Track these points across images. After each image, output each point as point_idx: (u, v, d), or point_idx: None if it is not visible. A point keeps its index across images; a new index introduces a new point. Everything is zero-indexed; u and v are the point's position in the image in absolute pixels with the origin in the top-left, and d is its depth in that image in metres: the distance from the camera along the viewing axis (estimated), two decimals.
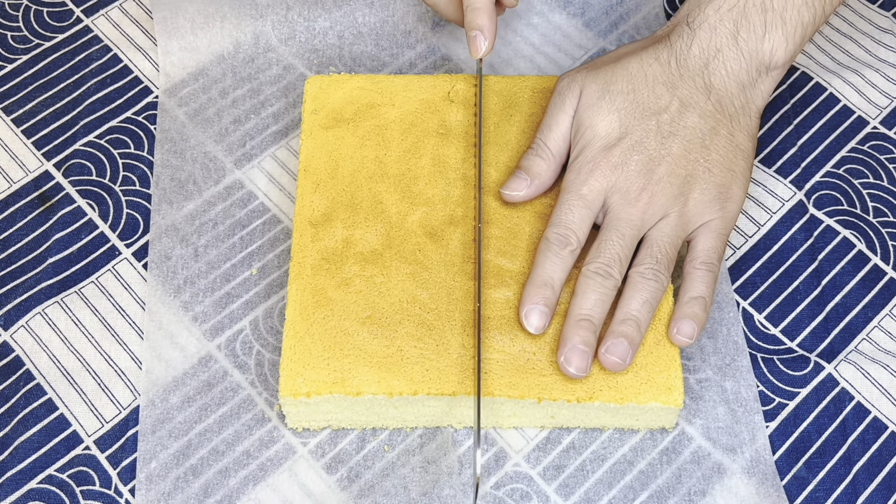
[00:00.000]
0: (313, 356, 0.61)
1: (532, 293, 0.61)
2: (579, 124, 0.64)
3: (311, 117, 0.70)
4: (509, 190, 0.65)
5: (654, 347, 0.61)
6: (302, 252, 0.64)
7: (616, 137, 0.63)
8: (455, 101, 0.70)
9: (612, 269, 0.61)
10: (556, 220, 0.63)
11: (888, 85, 0.78)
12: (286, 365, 0.61)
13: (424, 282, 0.63)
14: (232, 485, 0.62)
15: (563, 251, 0.62)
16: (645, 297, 0.61)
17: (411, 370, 0.60)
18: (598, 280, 0.61)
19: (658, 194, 0.62)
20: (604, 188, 0.62)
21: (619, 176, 0.62)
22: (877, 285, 0.70)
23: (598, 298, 0.61)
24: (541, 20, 0.80)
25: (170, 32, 0.77)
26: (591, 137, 0.63)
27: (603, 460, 0.63)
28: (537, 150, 0.66)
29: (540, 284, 0.61)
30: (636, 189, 0.62)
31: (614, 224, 0.62)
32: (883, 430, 0.64)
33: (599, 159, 0.63)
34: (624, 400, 0.60)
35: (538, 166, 0.65)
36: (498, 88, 0.71)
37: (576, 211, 0.62)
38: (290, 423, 0.63)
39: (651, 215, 0.62)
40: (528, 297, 0.61)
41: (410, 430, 0.63)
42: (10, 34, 0.80)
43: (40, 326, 0.67)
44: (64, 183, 0.73)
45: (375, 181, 0.67)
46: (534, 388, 0.60)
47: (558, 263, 0.62)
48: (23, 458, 0.63)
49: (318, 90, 0.71)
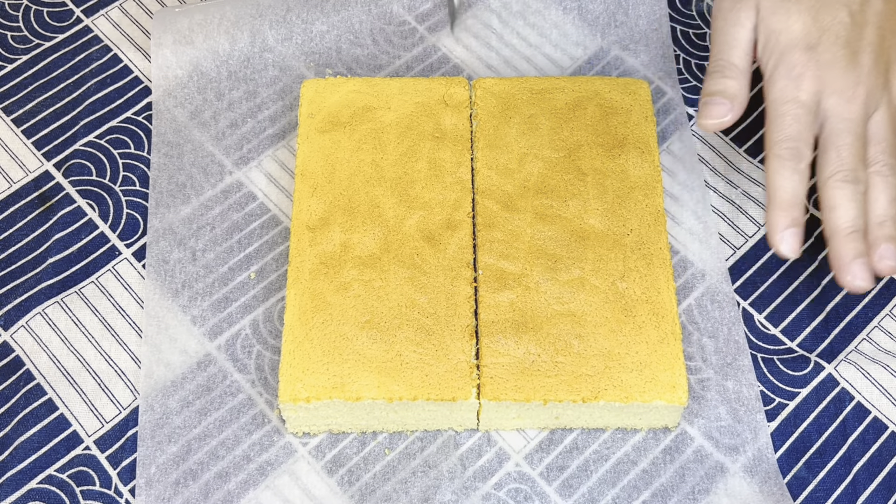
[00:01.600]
0: (312, 361, 0.61)
1: (780, 217, 0.59)
2: (769, 32, 0.62)
3: (308, 121, 0.69)
4: (711, 118, 0.63)
5: (658, 345, 0.61)
6: (300, 256, 0.64)
7: (816, 36, 0.61)
8: (450, 104, 0.70)
9: (859, 172, 0.59)
10: (781, 135, 0.60)
11: None
12: (285, 370, 0.60)
13: (423, 286, 0.63)
14: (232, 486, 0.62)
15: (799, 165, 0.60)
16: (891, 194, 0.60)
17: (411, 375, 0.60)
18: (850, 188, 0.59)
19: (870, 87, 0.60)
20: (818, 90, 0.60)
21: (831, 74, 0.60)
22: (877, 285, 0.69)
23: (856, 206, 0.59)
24: (538, 19, 0.80)
25: (166, 27, 0.77)
26: (787, 41, 0.61)
27: (605, 460, 0.63)
28: (724, 72, 0.63)
29: (786, 205, 0.59)
30: (851, 85, 0.60)
31: (843, 126, 0.60)
32: (883, 430, 0.64)
33: (807, 61, 0.60)
34: (629, 399, 0.60)
35: (732, 87, 0.63)
36: (496, 90, 0.71)
37: (801, 119, 0.60)
38: (290, 427, 0.63)
39: (868, 109, 0.61)
40: (777, 222, 0.59)
41: (410, 432, 0.63)
42: (10, 34, 0.80)
43: (40, 326, 0.67)
44: (64, 183, 0.73)
45: (372, 185, 0.67)
46: (539, 390, 0.60)
47: (798, 179, 0.59)
48: (23, 458, 0.63)
49: (314, 94, 0.71)
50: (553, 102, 0.70)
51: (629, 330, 0.62)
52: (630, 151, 0.68)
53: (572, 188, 0.67)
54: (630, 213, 0.66)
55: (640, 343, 0.61)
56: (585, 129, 0.69)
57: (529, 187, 0.67)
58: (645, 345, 0.61)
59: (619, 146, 0.68)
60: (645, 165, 0.68)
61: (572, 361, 0.61)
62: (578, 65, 0.78)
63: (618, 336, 0.62)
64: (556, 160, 0.68)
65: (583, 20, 0.80)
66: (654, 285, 0.63)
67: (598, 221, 0.65)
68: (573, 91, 0.71)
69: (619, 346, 0.61)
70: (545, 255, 0.64)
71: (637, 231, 0.65)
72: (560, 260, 0.64)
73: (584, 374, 0.60)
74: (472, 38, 0.79)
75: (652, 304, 0.63)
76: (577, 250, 0.64)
